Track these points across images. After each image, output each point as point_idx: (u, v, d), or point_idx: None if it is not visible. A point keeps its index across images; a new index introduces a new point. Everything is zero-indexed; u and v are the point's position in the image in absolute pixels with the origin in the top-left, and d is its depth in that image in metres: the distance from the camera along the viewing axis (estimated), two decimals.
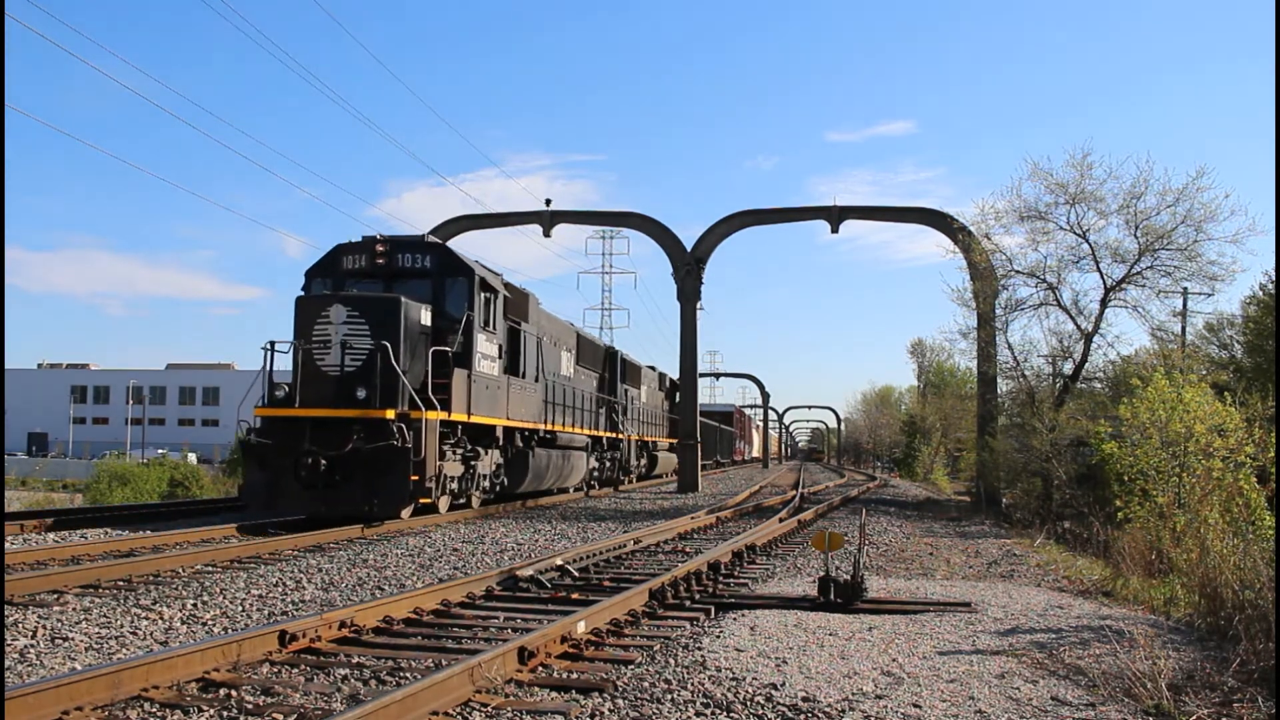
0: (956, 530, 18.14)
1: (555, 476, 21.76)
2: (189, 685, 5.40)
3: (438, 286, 16.34)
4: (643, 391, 34.12)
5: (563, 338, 23.25)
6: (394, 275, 16.30)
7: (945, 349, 62.38)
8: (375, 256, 16.30)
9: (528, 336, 19.46)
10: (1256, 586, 7.24)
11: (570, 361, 23.80)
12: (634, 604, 7.81)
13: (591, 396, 25.92)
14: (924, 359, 71.13)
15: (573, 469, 23.22)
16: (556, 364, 22.30)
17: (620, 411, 29.70)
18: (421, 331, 15.47)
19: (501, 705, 5.12)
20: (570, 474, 23.09)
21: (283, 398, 14.62)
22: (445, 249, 17.03)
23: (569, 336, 24.05)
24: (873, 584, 9.49)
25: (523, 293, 19.73)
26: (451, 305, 16.27)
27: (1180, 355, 21.13)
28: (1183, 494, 12.80)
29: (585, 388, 25.20)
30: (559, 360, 22.58)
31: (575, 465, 23.42)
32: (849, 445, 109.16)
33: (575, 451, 23.36)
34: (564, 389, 22.68)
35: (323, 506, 14.12)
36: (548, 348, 21.43)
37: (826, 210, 31.22)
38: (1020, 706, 5.38)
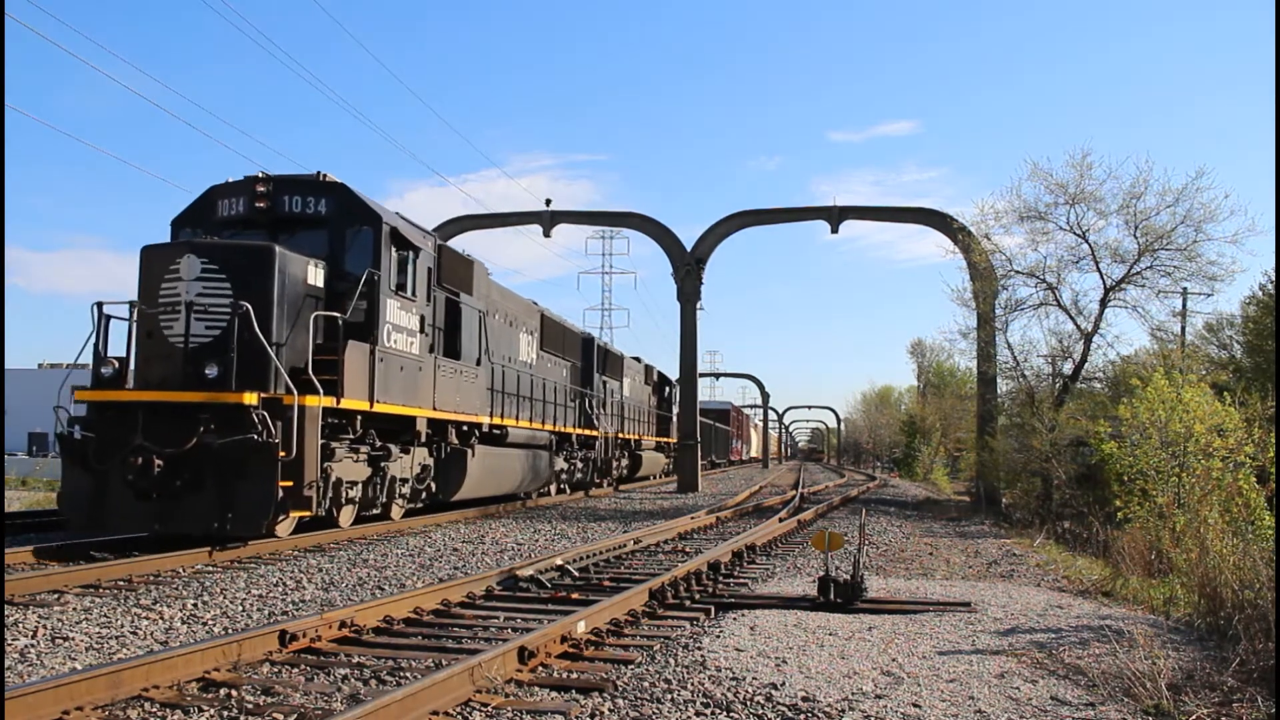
0: (956, 530, 18.14)
1: (507, 480, 18.51)
2: (189, 685, 5.41)
3: (336, 238, 12.99)
4: (625, 384, 31.22)
5: (523, 318, 20.33)
6: (281, 223, 12.96)
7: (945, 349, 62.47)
8: (255, 199, 12.90)
9: (469, 311, 16.32)
10: (1256, 586, 7.25)
11: (532, 346, 20.87)
12: (634, 604, 7.82)
13: (561, 388, 22.94)
14: (924, 359, 71.21)
15: (532, 471, 19.96)
16: (513, 347, 19.39)
17: (598, 405, 26.80)
18: (308, 294, 12.19)
19: (502, 705, 5.13)
20: (529, 476, 19.85)
21: (110, 376, 11.54)
22: (346, 191, 13.23)
23: (531, 317, 21.02)
24: (873, 584, 9.49)
25: (464, 259, 16.74)
26: (353, 262, 12.92)
27: (1180, 355, 21.14)
28: (1182, 494, 12.81)
29: (553, 377, 22.21)
30: (516, 343, 19.65)
31: (535, 467, 20.16)
32: (849, 445, 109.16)
33: (536, 451, 20.08)
34: (522, 377, 19.45)
35: (156, 523, 10.86)
36: (499, 327, 18.41)
37: (826, 210, 31.24)
38: (1020, 706, 5.38)
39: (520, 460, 19.05)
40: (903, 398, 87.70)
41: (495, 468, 17.53)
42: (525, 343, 20.35)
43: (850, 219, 31.49)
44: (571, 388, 24.13)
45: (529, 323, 20.81)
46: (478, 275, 17.16)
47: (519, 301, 20.54)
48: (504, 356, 18.54)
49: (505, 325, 18.95)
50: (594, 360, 26.59)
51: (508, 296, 19.62)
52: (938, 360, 68.01)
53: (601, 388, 27.40)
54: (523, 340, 20.17)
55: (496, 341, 18.15)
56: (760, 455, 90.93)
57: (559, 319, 24.00)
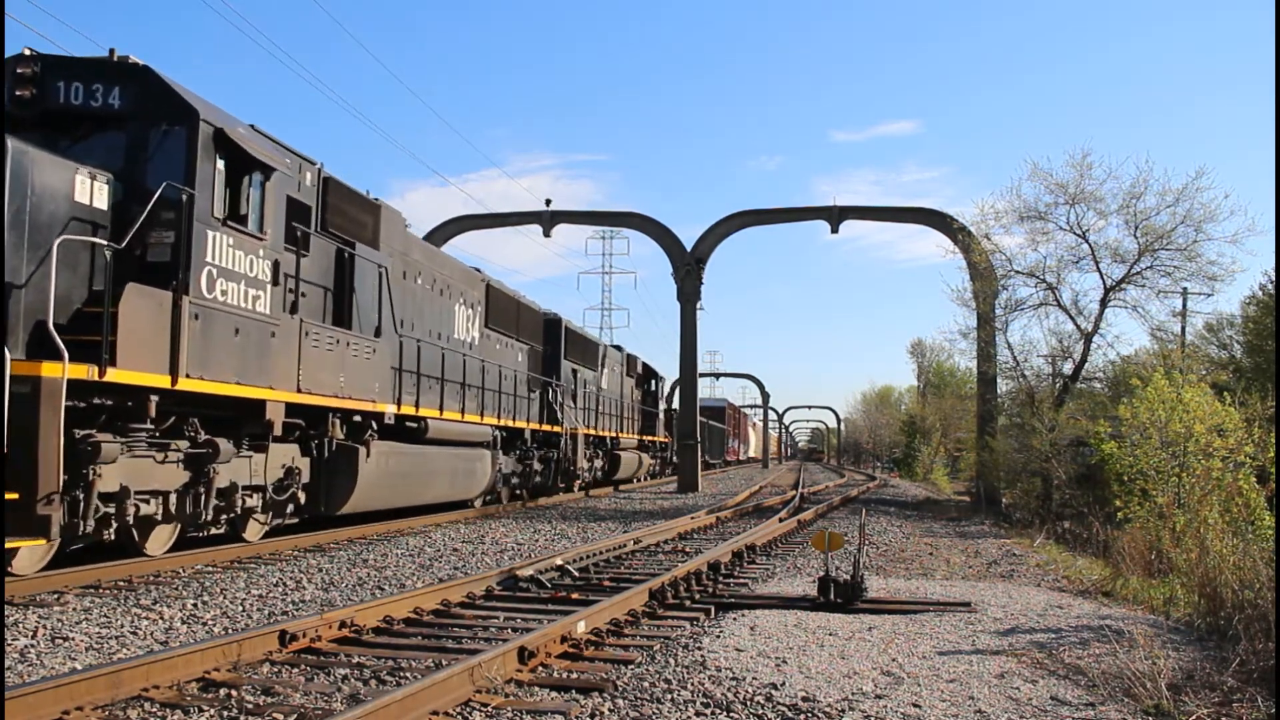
0: (956, 530, 18.14)
1: (425, 486, 14.89)
2: (189, 685, 5.41)
3: (136, 143, 9.39)
4: (603, 375, 28.00)
5: (460, 287, 17.03)
6: (60, 121, 9.32)
7: (945, 349, 62.50)
8: (17, 86, 9.26)
9: (366, 267, 12.81)
10: (1256, 586, 7.25)
11: (473, 322, 17.53)
12: (634, 604, 7.82)
13: (515, 375, 19.62)
14: (924, 359, 71.22)
15: (465, 475, 16.41)
16: (445, 322, 16.19)
17: (565, 397, 23.58)
18: (76, 217, 8.61)
19: (501, 705, 5.13)
20: (459, 481, 16.21)
21: None
22: (150, 77, 9.51)
23: (472, 288, 17.73)
24: (873, 584, 9.49)
25: (364, 200, 13.07)
26: (158, 176, 9.15)
27: (1180, 355, 21.15)
28: (1182, 494, 12.83)
29: (502, 361, 18.89)
30: (450, 317, 16.42)
31: (469, 469, 16.55)
32: (849, 445, 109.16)
33: (469, 449, 16.53)
34: (451, 358, 16.02)
35: None
36: (422, 294, 15.23)
37: (826, 210, 31.27)
38: (1020, 706, 5.38)
39: (448, 461, 15.55)
40: (903, 398, 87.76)
41: (405, 471, 13.89)
42: (463, 317, 17.08)
43: (850, 219, 31.53)
44: (530, 375, 20.89)
45: (469, 294, 17.50)
46: (387, 225, 13.71)
47: (455, 267, 17.36)
48: (429, 331, 15.35)
49: (432, 293, 15.68)
50: (561, 345, 23.75)
51: (438, 259, 16.54)
52: (938, 360, 68.10)
53: (571, 377, 24.40)
54: (460, 314, 16.89)
55: (417, 311, 14.96)
56: (759, 455, 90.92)
57: (514, 293, 20.75)
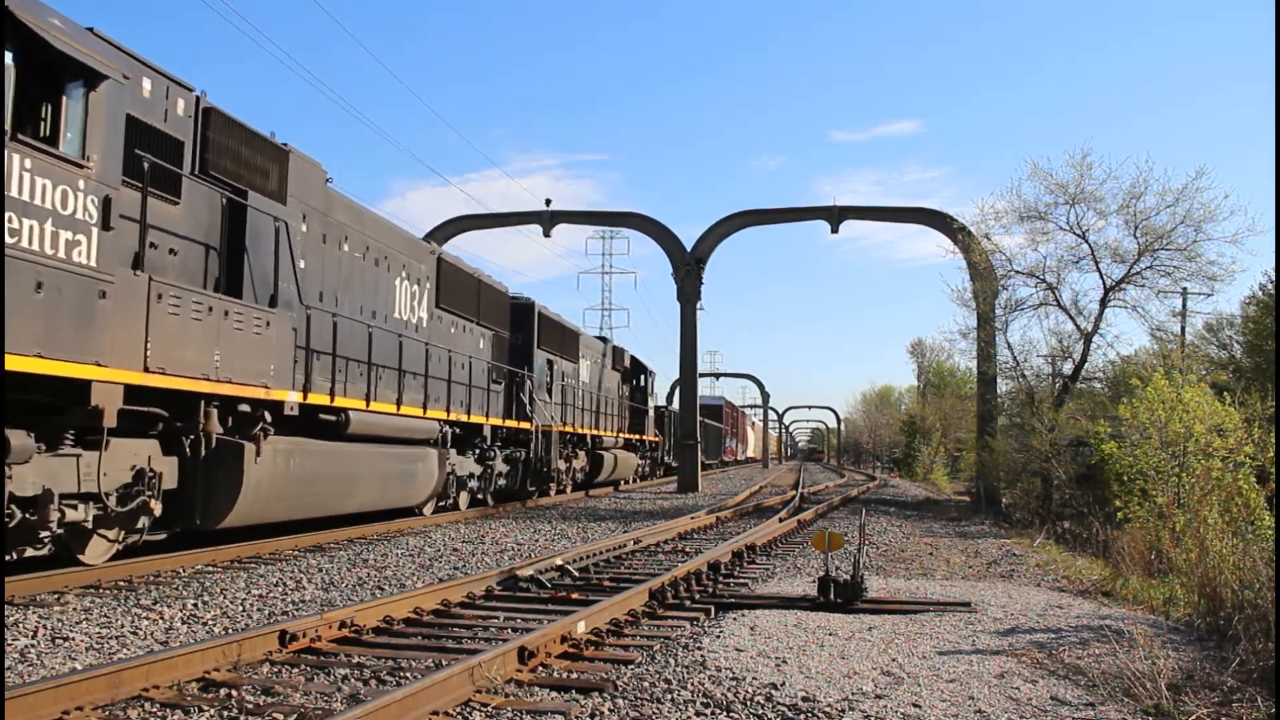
0: (956, 530, 18.15)
1: (344, 492, 12.48)
2: (189, 685, 5.41)
3: None
4: (583, 368, 26.01)
5: (403, 259, 14.89)
6: None
7: (945, 349, 62.59)
8: None
9: (261, 221, 10.78)
10: (1256, 586, 7.25)
11: (420, 300, 15.51)
12: (634, 604, 7.82)
13: (473, 363, 17.45)
14: (924, 359, 71.28)
15: (402, 477, 14.17)
16: (380, 297, 14.02)
17: (540, 391, 21.57)
18: None
19: (502, 705, 5.13)
20: (395, 485, 13.98)
21: None
22: None
23: (420, 260, 15.61)
24: (873, 584, 9.49)
25: (270, 144, 11.18)
26: None
27: (1180, 355, 21.15)
28: (1182, 494, 12.83)
29: (457, 347, 16.88)
30: (388, 292, 14.36)
31: (409, 471, 14.37)
32: (849, 445, 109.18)
33: (409, 448, 14.43)
34: (385, 339, 13.88)
35: None
36: (349, 263, 13.09)
37: (826, 210, 31.28)
38: (1020, 706, 5.39)
39: (379, 462, 13.29)
40: (903, 398, 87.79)
41: (315, 474, 11.67)
42: (407, 294, 14.95)
43: (850, 219, 31.55)
44: (494, 365, 18.79)
45: (415, 268, 15.38)
46: (299, 176, 11.62)
47: (397, 236, 14.99)
48: (358, 307, 13.24)
49: (364, 263, 13.58)
50: (534, 333, 21.60)
51: (374, 226, 14.14)
52: (938, 360, 68.16)
53: (545, 369, 22.45)
54: (402, 290, 14.79)
55: (342, 283, 12.87)
56: (758, 455, 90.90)
57: (474, 271, 18.42)
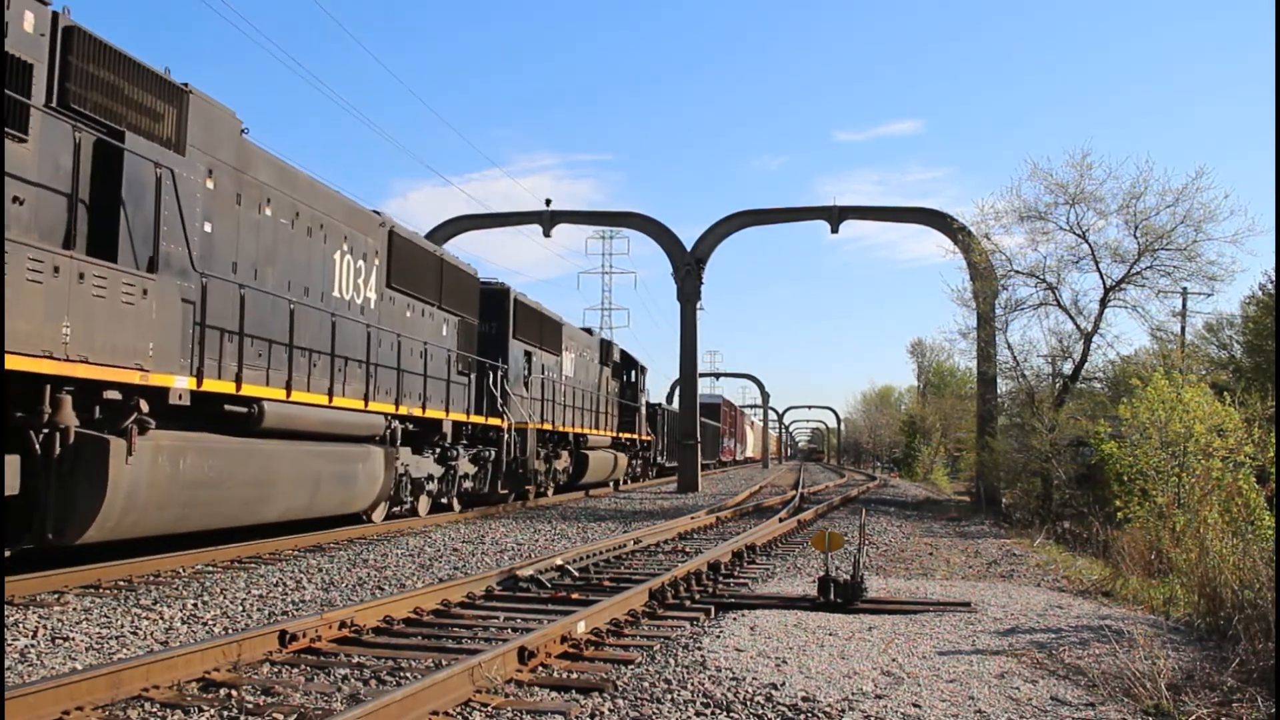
0: (956, 530, 18.14)
1: (255, 498, 10.71)
2: (189, 685, 5.41)
3: None
4: (566, 361, 24.20)
5: (343, 230, 13.09)
6: None
7: (945, 349, 62.58)
8: None
9: (146, 170, 9.04)
10: (1256, 586, 7.25)
11: (366, 278, 13.75)
12: (634, 604, 7.82)
13: (434, 352, 15.64)
14: (924, 359, 71.28)
15: (337, 480, 12.38)
16: (313, 271, 12.33)
17: (517, 384, 19.92)
18: None
19: (501, 705, 5.13)
20: (327, 489, 12.15)
21: None
22: None
23: (366, 234, 13.79)
24: (873, 584, 9.49)
25: (162, 80, 9.49)
26: None
27: (1180, 355, 21.16)
28: (1182, 494, 12.82)
29: (413, 333, 15.15)
30: (325, 266, 12.64)
31: (345, 473, 12.61)
32: (849, 445, 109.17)
33: (345, 445, 12.66)
34: (316, 319, 12.18)
35: None
36: (272, 229, 11.41)
37: (826, 210, 31.28)
38: (1020, 706, 5.38)
39: (304, 462, 11.57)
40: (903, 398, 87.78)
41: (216, 477, 9.82)
42: (349, 270, 13.24)
43: (850, 219, 31.55)
44: (461, 355, 17.08)
45: (361, 241, 13.56)
46: (202, 123, 9.90)
47: (338, 204, 13.17)
48: (284, 282, 11.64)
49: (293, 231, 11.90)
50: (509, 321, 19.82)
51: (307, 190, 12.34)
52: (938, 360, 68.16)
53: (523, 361, 20.65)
54: (343, 265, 13.07)
55: (263, 252, 11.28)
56: (758, 455, 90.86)
57: (437, 250, 16.68)
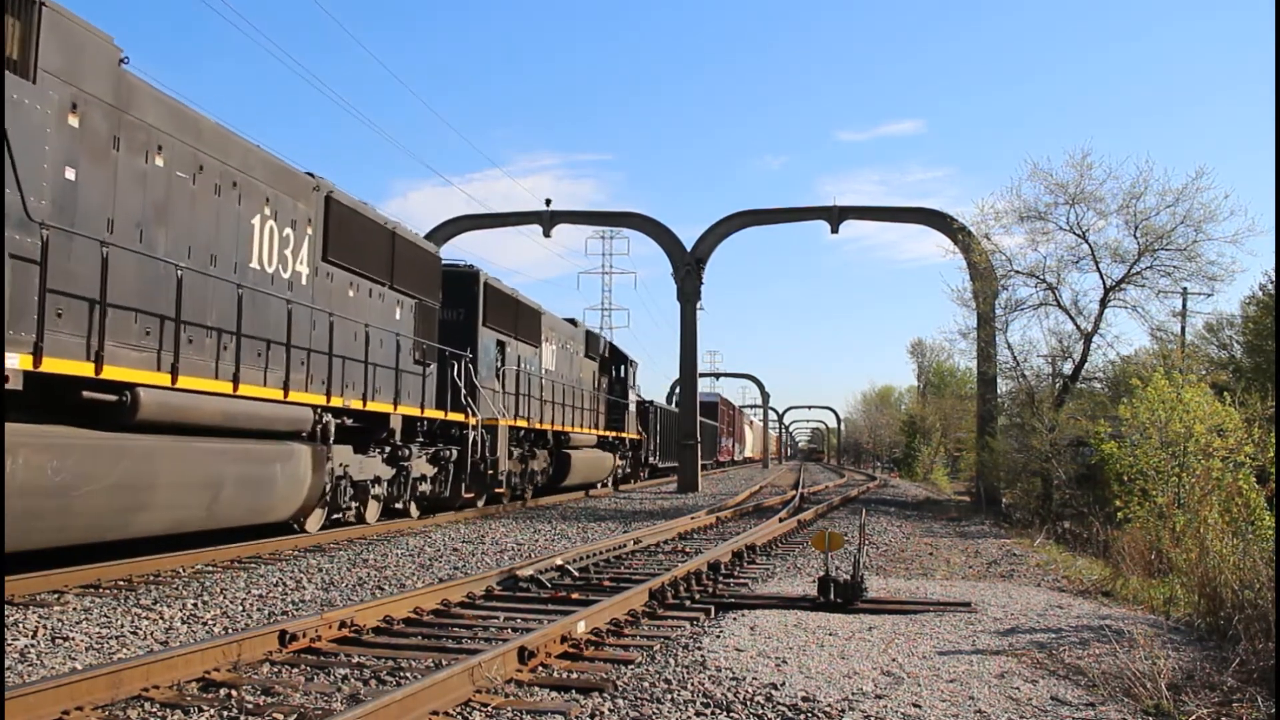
0: (956, 530, 18.14)
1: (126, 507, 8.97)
2: (189, 685, 5.40)
3: None
4: (546, 353, 22.53)
5: (265, 191, 11.43)
6: None
7: (945, 349, 62.55)
8: None
9: None
10: (1256, 586, 7.25)
11: (296, 249, 12.07)
12: (634, 604, 7.82)
13: (369, 335, 13.48)
14: (924, 359, 71.27)
15: (248, 484, 10.79)
16: (223, 237, 10.69)
17: (489, 376, 18.36)
18: None
19: (501, 705, 5.12)
20: (232, 494, 10.48)
21: None
22: None
23: (296, 198, 12.09)
24: (873, 584, 9.49)
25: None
26: None
27: (1180, 355, 21.16)
28: (1182, 494, 12.82)
29: (356, 315, 13.39)
30: (241, 231, 10.97)
31: (260, 476, 11.00)
32: (849, 445, 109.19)
33: (260, 443, 11.04)
34: (220, 291, 10.49)
35: None
36: (164, 182, 9.71)
37: (826, 210, 31.29)
38: (1020, 706, 5.38)
39: (193, 462, 9.80)
40: (903, 398, 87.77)
41: (63, 481, 8.05)
42: (271, 238, 11.60)
43: (850, 219, 31.57)
44: (419, 342, 15.56)
45: (288, 206, 11.93)
46: (59, 43, 8.25)
47: (259, 161, 11.43)
48: (184, 249, 9.97)
49: (196, 188, 10.26)
50: (478, 308, 18.22)
51: (216, 140, 10.64)
52: (938, 360, 68.14)
53: (494, 352, 18.97)
54: (264, 232, 11.45)
55: (153, 210, 9.59)
56: (757, 455, 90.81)
57: (384, 221, 14.64)
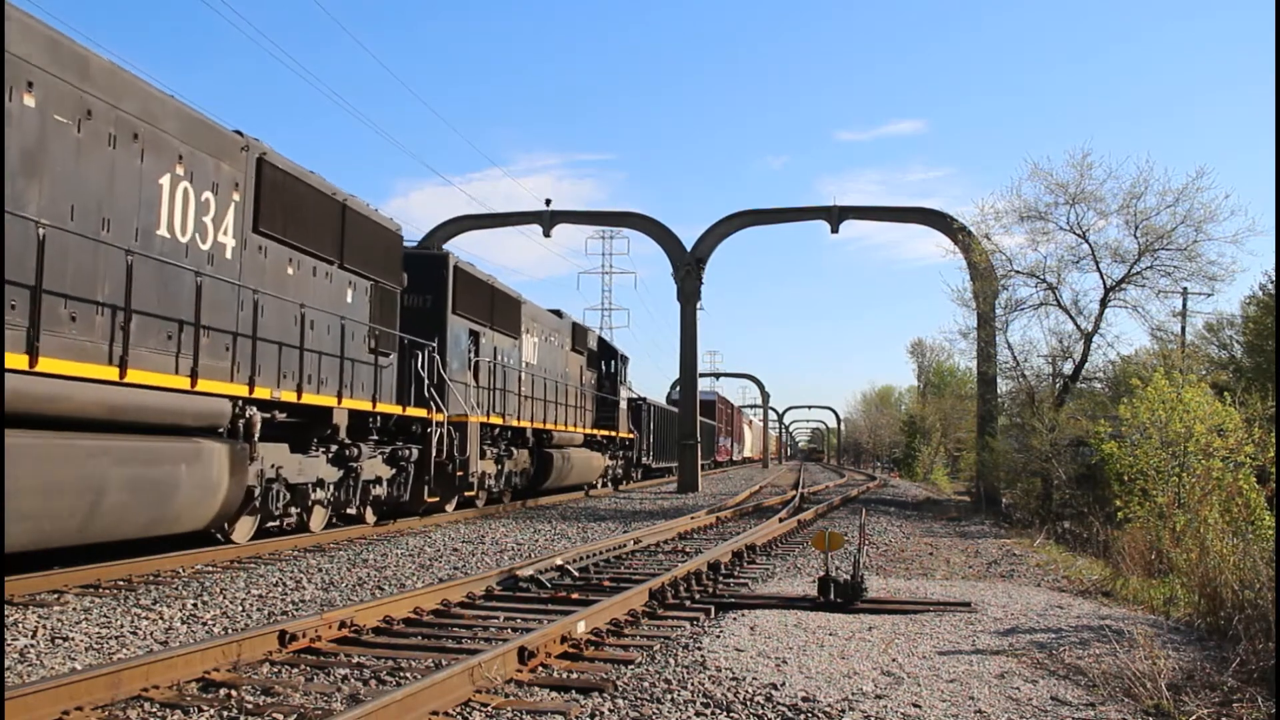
0: (956, 530, 18.14)
1: None
2: (189, 685, 5.40)
3: None
4: (527, 345, 21.08)
5: (174, 144, 9.77)
6: None
7: (945, 349, 62.58)
8: None
9: None
10: (1256, 586, 7.25)
11: (220, 216, 10.49)
12: (634, 604, 7.82)
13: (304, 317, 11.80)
14: (924, 359, 71.29)
15: (144, 490, 9.05)
16: (122, 196, 9.08)
17: (461, 368, 17.12)
18: None
19: (501, 705, 5.12)
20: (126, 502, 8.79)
21: None
22: None
23: (218, 157, 10.48)
24: (873, 584, 9.49)
25: None
26: None
27: (1180, 355, 21.16)
28: (1182, 494, 12.80)
29: (296, 295, 11.81)
30: (135, 188, 9.25)
31: (158, 479, 9.24)
32: (849, 445, 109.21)
33: (154, 442, 9.27)
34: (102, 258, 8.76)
35: None
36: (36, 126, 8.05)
37: (826, 210, 31.29)
38: (1020, 706, 5.38)
39: (53, 464, 7.93)
40: (903, 398, 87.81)
41: None
42: (188, 202, 10.02)
43: (850, 219, 31.57)
44: (375, 329, 14.03)
45: (208, 167, 10.32)
46: None
47: (171, 111, 9.82)
48: (64, 208, 8.37)
49: (82, 136, 8.61)
50: (447, 294, 16.81)
51: (111, 82, 9.02)
52: (938, 360, 68.15)
53: (466, 342, 17.58)
54: (178, 195, 9.83)
55: (20, 157, 7.88)
56: (757, 455, 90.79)
57: (332, 191, 12.92)
